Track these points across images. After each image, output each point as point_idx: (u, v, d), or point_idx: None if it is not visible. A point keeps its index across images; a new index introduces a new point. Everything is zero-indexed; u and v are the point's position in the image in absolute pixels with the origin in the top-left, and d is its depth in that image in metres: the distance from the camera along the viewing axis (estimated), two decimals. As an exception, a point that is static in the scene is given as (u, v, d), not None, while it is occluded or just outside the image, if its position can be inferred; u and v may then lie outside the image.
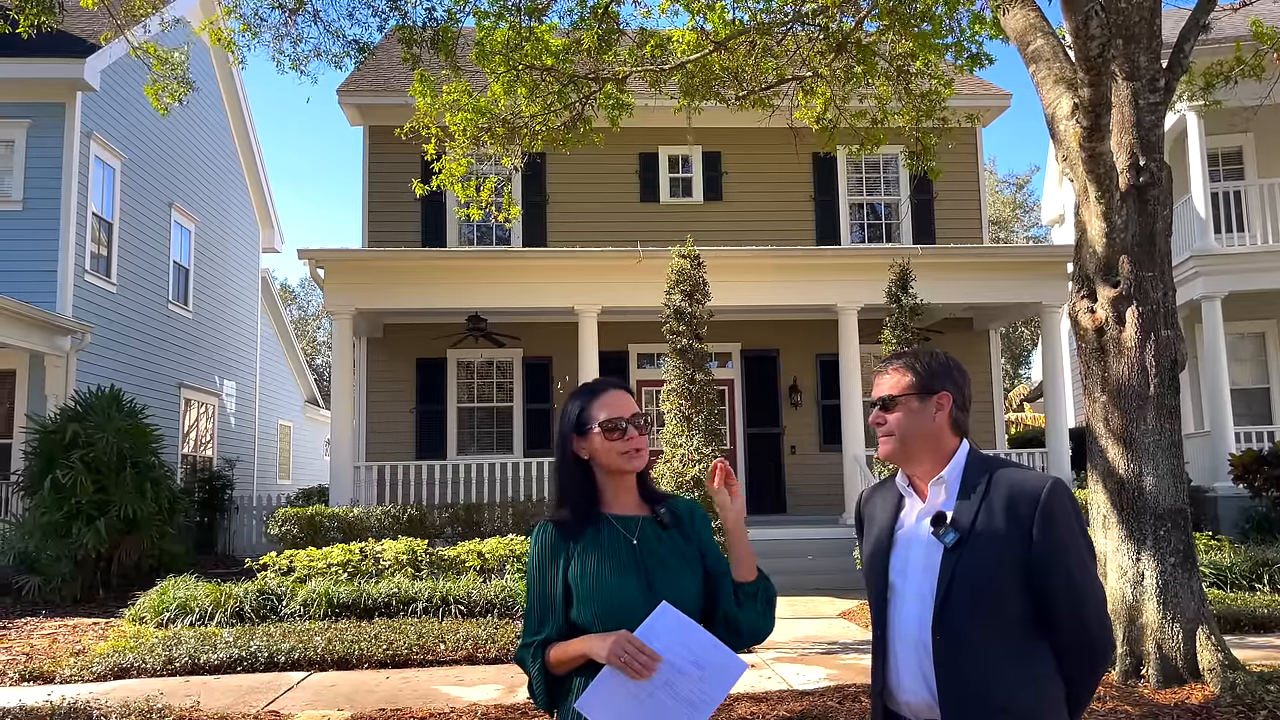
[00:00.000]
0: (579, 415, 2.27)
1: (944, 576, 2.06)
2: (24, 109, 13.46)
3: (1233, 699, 5.69)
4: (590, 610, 2.14)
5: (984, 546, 2.04)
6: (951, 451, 2.18)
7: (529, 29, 8.93)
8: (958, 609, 2.04)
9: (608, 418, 2.24)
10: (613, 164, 15.53)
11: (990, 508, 2.06)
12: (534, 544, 2.24)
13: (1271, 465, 12.08)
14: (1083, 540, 2.08)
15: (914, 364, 2.23)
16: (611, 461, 2.25)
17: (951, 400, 2.19)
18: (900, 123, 10.33)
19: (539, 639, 2.17)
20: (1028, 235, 38.93)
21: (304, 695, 6.67)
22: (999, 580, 2.02)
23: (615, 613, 2.12)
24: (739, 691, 6.52)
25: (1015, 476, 2.11)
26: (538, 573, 2.21)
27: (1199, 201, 13.93)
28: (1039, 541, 2.02)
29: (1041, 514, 2.03)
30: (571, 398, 2.34)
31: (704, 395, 9.11)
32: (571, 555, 2.18)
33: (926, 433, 2.18)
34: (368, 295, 12.80)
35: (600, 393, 2.29)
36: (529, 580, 2.24)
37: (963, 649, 2.03)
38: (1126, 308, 6.47)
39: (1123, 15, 6.45)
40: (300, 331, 42.62)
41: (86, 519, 11.11)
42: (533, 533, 2.26)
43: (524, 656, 2.20)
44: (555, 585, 2.18)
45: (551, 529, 2.23)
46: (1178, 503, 6.35)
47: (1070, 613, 2.03)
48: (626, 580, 2.16)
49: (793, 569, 11.60)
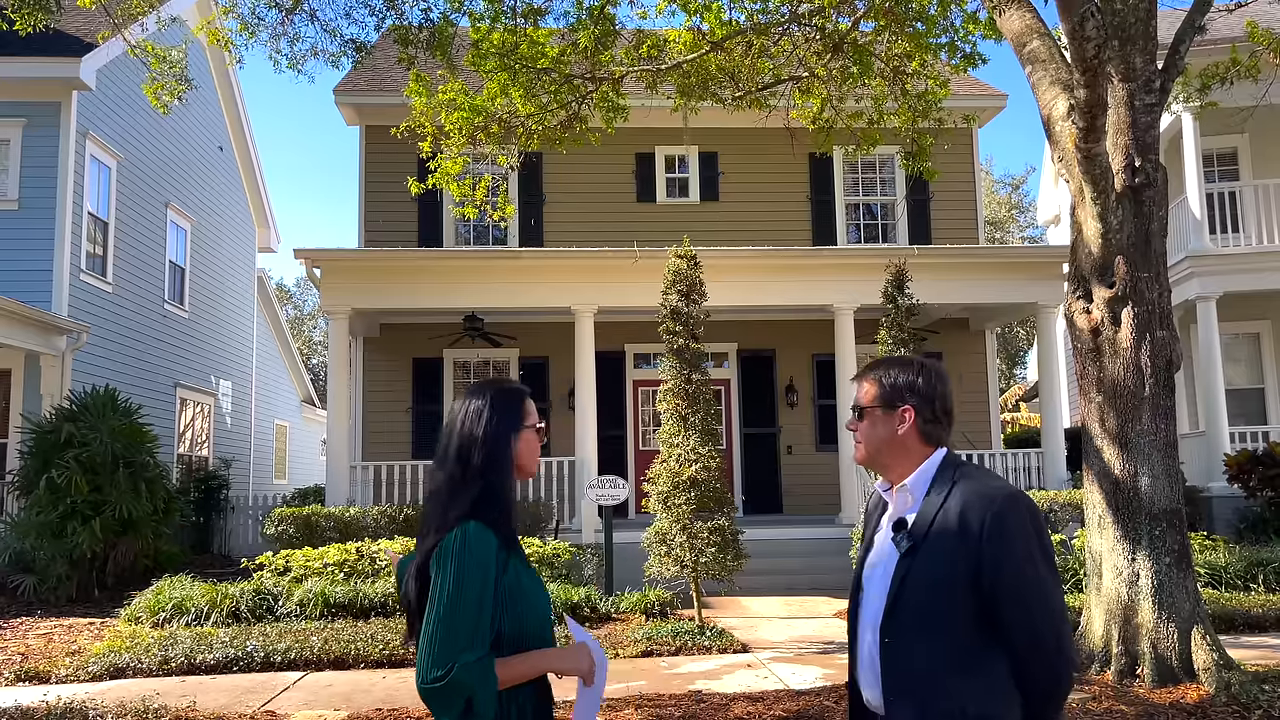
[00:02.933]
0: (517, 413, 2.22)
1: (895, 581, 2.11)
2: (20, 108, 13.43)
3: (1228, 699, 5.71)
4: (529, 618, 2.07)
5: (934, 554, 2.07)
6: (921, 460, 2.22)
7: (525, 31, 8.94)
8: (903, 614, 2.08)
9: (534, 419, 2.26)
10: (609, 164, 15.53)
11: (946, 516, 2.09)
12: (478, 546, 2.02)
13: (1266, 465, 12.11)
14: (1037, 553, 2.05)
15: (882, 376, 2.28)
16: (530, 463, 2.25)
17: (915, 413, 2.22)
18: (896, 123, 10.35)
19: (486, 654, 1.96)
20: (1023, 236, 38.99)
21: (300, 695, 6.66)
22: (945, 587, 2.04)
23: (543, 621, 2.11)
24: (735, 691, 6.53)
25: (975, 486, 2.12)
26: (480, 579, 1.99)
27: (1194, 202, 13.97)
28: (987, 551, 2.02)
29: (992, 523, 2.03)
30: (497, 394, 2.23)
31: (700, 395, 9.11)
32: (505, 561, 2.07)
33: (890, 443, 2.23)
34: (364, 295, 12.79)
35: (526, 393, 2.29)
36: (462, 587, 1.97)
37: (905, 653, 2.07)
38: (1122, 308, 6.49)
39: (1119, 17, 6.46)
40: (296, 331, 42.57)
41: (82, 519, 11.09)
42: (466, 534, 2.03)
43: (471, 678, 1.92)
44: (491, 597, 2.01)
45: (489, 532, 2.06)
46: (1173, 503, 6.37)
47: (1017, 624, 2.03)
48: (538, 585, 2.17)
49: (788, 569, 11.62)
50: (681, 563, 8.76)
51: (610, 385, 14.74)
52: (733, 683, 6.86)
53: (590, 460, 12.28)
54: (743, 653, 7.99)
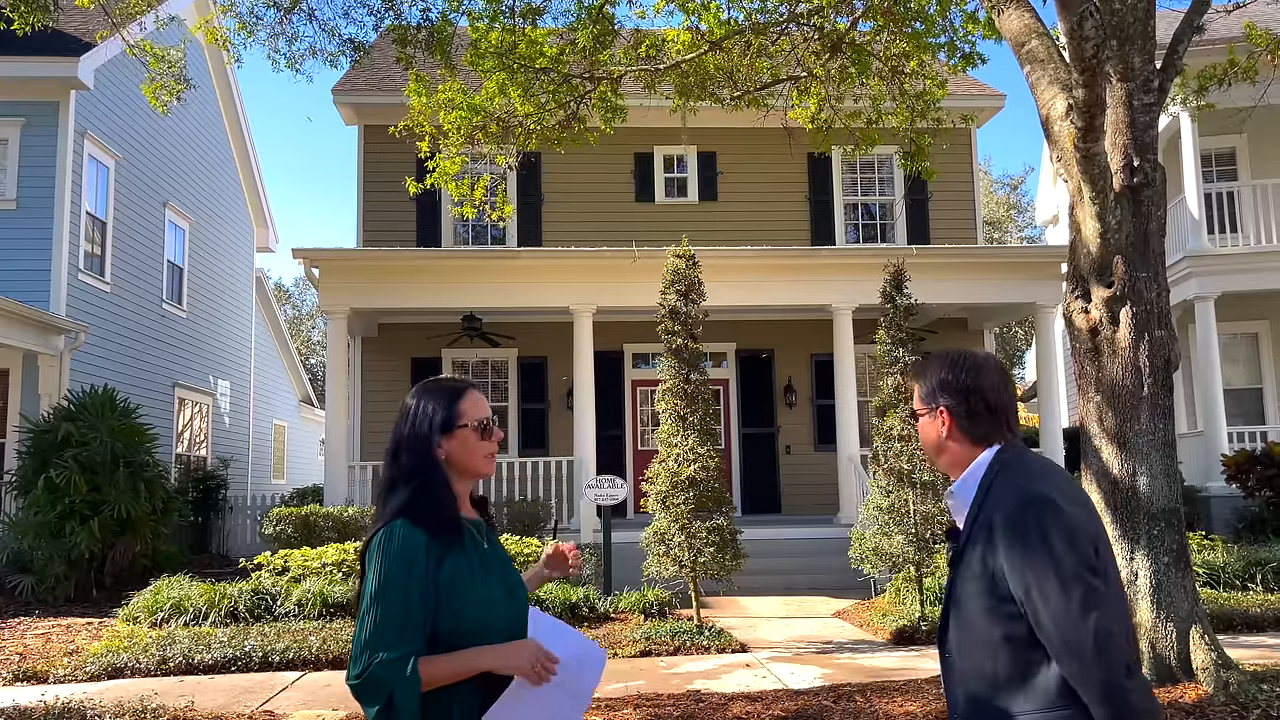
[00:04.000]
0: (447, 413, 2.19)
1: (947, 593, 2.06)
2: (17, 107, 13.42)
3: (1226, 698, 5.71)
4: (468, 616, 2.04)
5: (970, 563, 1.99)
6: (969, 461, 2.10)
7: (523, 31, 8.94)
8: (953, 627, 2.02)
9: (479, 417, 2.22)
10: (608, 164, 15.53)
11: (977, 521, 2.00)
12: (395, 544, 2.02)
13: (1264, 465, 12.12)
14: (1060, 558, 1.86)
15: (922, 375, 2.20)
16: (473, 463, 2.21)
17: (948, 413, 2.11)
18: (894, 123, 10.35)
19: (410, 651, 1.95)
20: (1022, 236, 39.00)
21: (298, 695, 6.66)
22: (979, 596, 1.95)
23: (491, 622, 2.07)
24: (734, 691, 6.53)
25: (1001, 486, 2.00)
26: (406, 576, 1.99)
27: (1192, 202, 13.98)
28: (1004, 560, 1.91)
29: (1004, 527, 1.91)
30: (426, 395, 2.23)
31: (699, 395, 9.11)
32: (441, 558, 2.06)
33: (936, 444, 2.16)
34: (362, 295, 12.78)
35: (464, 392, 2.25)
36: (386, 584, 1.99)
37: (958, 668, 2.01)
38: (1120, 308, 6.49)
39: (1117, 16, 6.46)
40: (295, 331, 42.55)
41: (80, 519, 11.08)
42: (392, 532, 2.05)
43: (389, 675, 1.93)
44: (415, 593, 1.99)
45: (413, 529, 2.05)
46: (1171, 502, 6.37)
47: (1046, 639, 1.86)
48: (490, 583, 2.12)
49: (787, 569, 11.62)
50: (680, 562, 8.75)
51: (609, 385, 14.74)
52: (731, 682, 6.86)
53: (589, 460, 12.28)
54: (741, 652, 7.98)
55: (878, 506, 9.11)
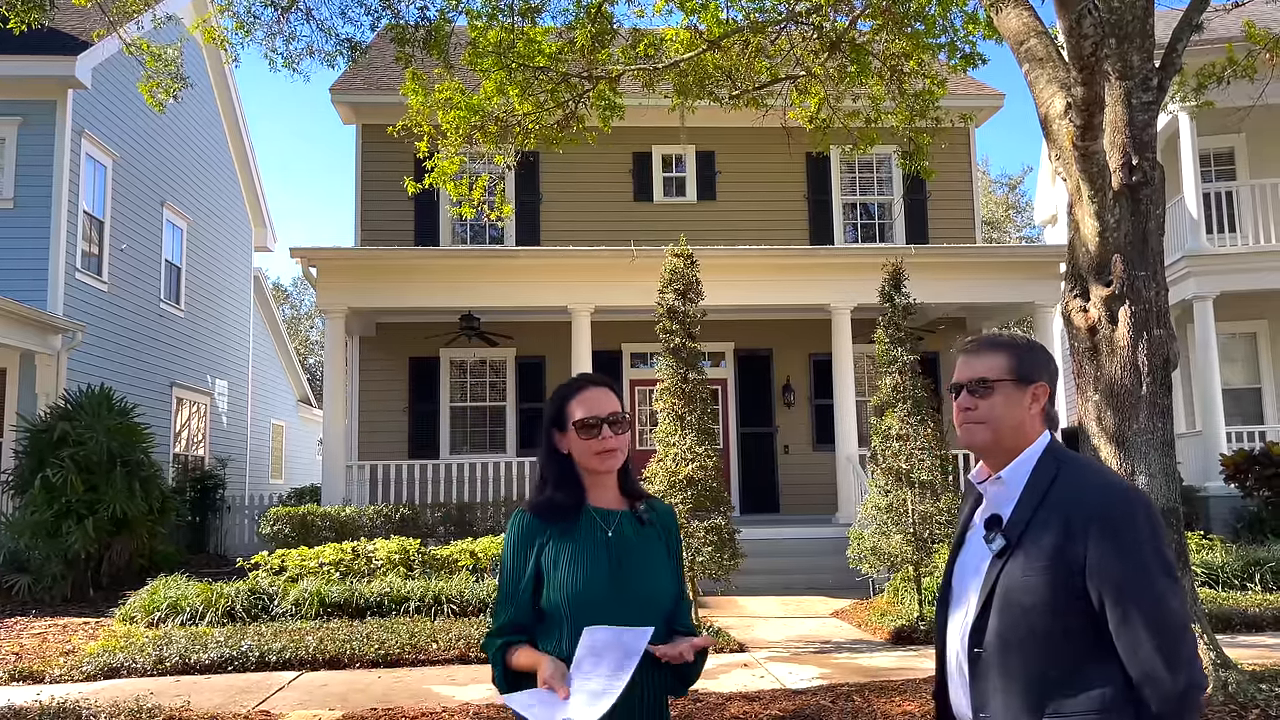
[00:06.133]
0: (558, 411, 2.29)
1: (986, 586, 1.90)
2: (14, 106, 13.39)
3: (1225, 698, 5.70)
4: (560, 597, 2.16)
5: (1032, 556, 1.85)
6: (1027, 445, 1.99)
7: (522, 30, 8.93)
8: (997, 623, 1.87)
9: (582, 416, 2.24)
10: (606, 163, 15.51)
11: (1047, 511, 1.87)
12: (510, 530, 2.28)
13: (1263, 465, 12.12)
14: (1154, 561, 1.80)
15: (1013, 346, 2.04)
16: (586, 461, 2.27)
17: (1048, 394, 2.02)
18: (894, 122, 10.34)
19: (504, 623, 2.22)
20: (1020, 235, 39.01)
21: (295, 695, 6.64)
22: (1044, 595, 1.83)
23: (584, 602, 2.15)
24: (732, 690, 6.52)
25: (1083, 477, 1.89)
26: (510, 558, 2.24)
27: (1191, 202, 13.97)
28: (1093, 555, 1.79)
29: (1101, 522, 1.80)
30: (556, 391, 2.36)
31: (697, 394, 9.10)
32: (546, 542, 2.21)
33: (1018, 423, 1.99)
34: (360, 294, 12.77)
35: (580, 389, 2.29)
36: (501, 565, 2.28)
37: (999, 666, 1.87)
38: (1119, 307, 6.48)
39: (1116, 14, 6.45)
40: (293, 331, 42.50)
41: (77, 518, 11.06)
42: (511, 521, 2.30)
43: (488, 646, 2.24)
44: (525, 571, 2.21)
45: (528, 516, 2.27)
46: (1169, 502, 6.36)
47: (1125, 644, 1.79)
48: (598, 571, 2.18)
49: (785, 568, 11.61)
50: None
51: (607, 385, 14.70)
52: (729, 682, 6.84)
53: (587, 460, 12.24)
54: (739, 652, 7.97)
55: (876, 506, 9.10)
